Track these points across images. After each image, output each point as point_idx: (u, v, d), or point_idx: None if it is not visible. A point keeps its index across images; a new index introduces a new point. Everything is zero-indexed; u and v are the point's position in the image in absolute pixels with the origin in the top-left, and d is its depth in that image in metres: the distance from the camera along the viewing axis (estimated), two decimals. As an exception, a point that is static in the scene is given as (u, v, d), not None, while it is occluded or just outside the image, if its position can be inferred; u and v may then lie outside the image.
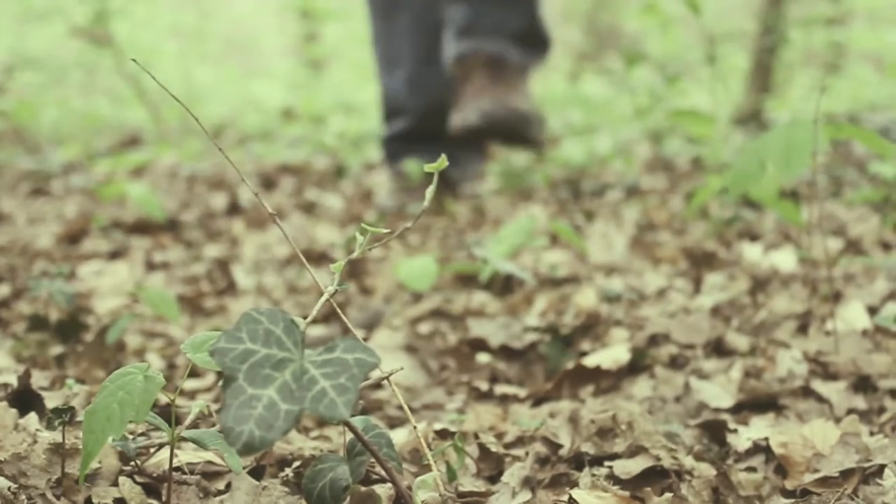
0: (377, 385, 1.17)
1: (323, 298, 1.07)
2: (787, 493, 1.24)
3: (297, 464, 1.20)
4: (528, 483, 1.23)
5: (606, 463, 1.27)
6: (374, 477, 1.23)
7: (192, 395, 1.63)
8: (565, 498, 1.16)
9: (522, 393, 1.69)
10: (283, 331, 0.88)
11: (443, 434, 1.39)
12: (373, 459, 1.02)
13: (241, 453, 0.81)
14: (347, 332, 2.11)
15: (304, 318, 1.07)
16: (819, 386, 1.54)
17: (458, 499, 1.11)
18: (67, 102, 7.64)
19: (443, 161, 1.07)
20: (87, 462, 0.98)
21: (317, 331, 1.98)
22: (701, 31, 4.17)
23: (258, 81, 9.68)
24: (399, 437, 1.41)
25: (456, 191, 3.65)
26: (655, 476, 1.24)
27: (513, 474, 1.23)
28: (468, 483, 1.17)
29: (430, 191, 1.07)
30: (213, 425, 1.18)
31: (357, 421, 1.11)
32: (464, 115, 3.36)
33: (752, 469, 1.31)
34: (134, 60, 1.12)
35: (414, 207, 3.31)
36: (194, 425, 1.18)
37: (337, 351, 0.86)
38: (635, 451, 1.27)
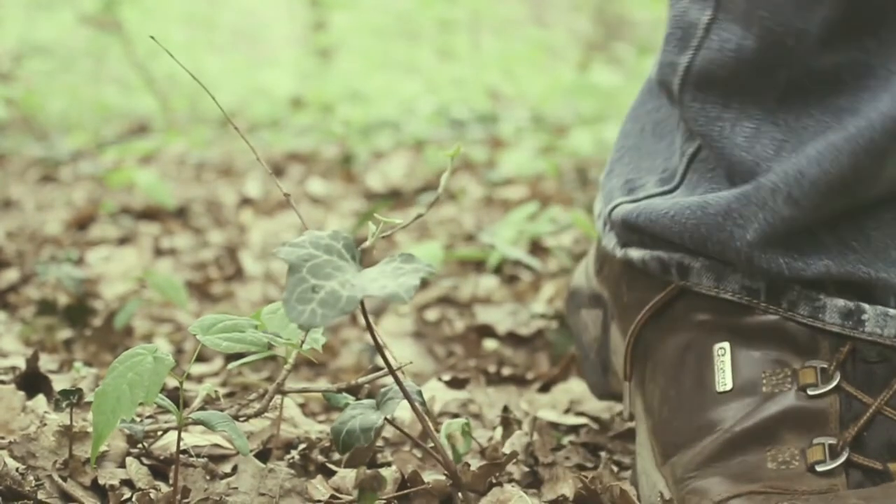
0: (385, 373, 1.17)
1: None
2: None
3: (302, 446, 1.20)
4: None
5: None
6: (381, 460, 1.24)
7: (199, 379, 1.63)
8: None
9: (530, 376, 1.69)
10: (344, 247, 0.90)
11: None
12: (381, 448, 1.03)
13: (302, 327, 0.83)
14: (356, 319, 2.11)
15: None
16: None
17: (463, 476, 1.11)
18: (76, 90, 7.65)
19: (458, 148, 1.06)
20: (97, 443, 0.98)
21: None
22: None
23: (267, 70, 9.68)
24: (407, 416, 1.42)
25: None
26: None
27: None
28: (475, 464, 1.17)
29: (444, 177, 1.07)
30: (221, 409, 1.18)
31: (364, 404, 1.11)
32: None
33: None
34: (152, 38, 1.12)
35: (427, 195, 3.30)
36: (202, 409, 1.18)
37: (395, 261, 0.89)
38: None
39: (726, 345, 1.02)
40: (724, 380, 1.01)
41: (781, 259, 1.01)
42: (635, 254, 1.12)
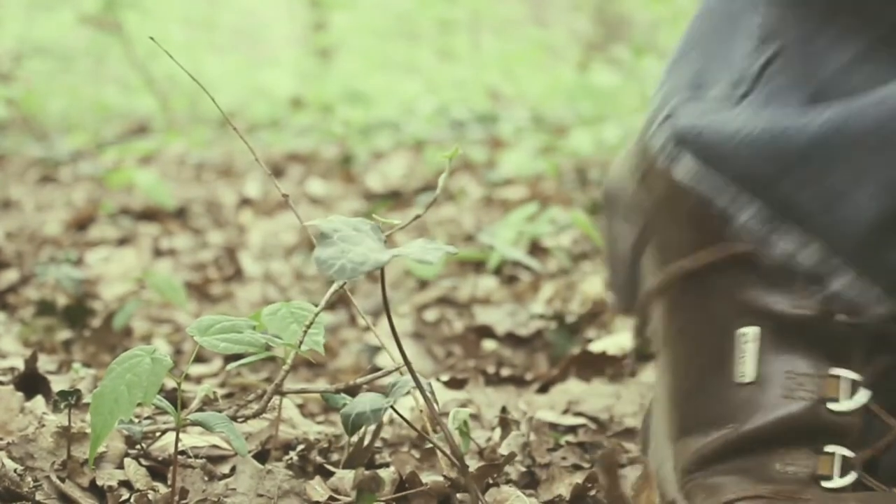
0: (385, 373, 1.17)
1: (333, 287, 1.07)
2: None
3: (301, 447, 1.20)
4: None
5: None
6: (379, 461, 1.24)
7: (198, 379, 1.63)
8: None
9: (529, 376, 1.69)
10: (371, 229, 0.93)
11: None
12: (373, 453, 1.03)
13: (335, 277, 0.86)
14: (355, 320, 2.11)
15: (315, 305, 1.08)
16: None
17: (461, 477, 1.12)
18: (76, 90, 7.65)
19: (456, 150, 1.06)
20: (95, 444, 0.98)
21: (326, 318, 1.98)
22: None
23: (267, 70, 9.68)
24: (406, 416, 1.42)
25: None
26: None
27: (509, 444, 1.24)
28: (473, 464, 1.17)
29: (442, 178, 1.07)
30: (220, 410, 1.18)
31: (364, 400, 1.11)
32: None
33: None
34: (151, 38, 1.12)
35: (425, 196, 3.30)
36: (200, 410, 1.18)
37: (420, 241, 0.92)
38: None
39: (755, 331, 0.93)
40: (745, 370, 0.94)
41: None
42: (687, 173, 0.97)
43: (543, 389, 1.62)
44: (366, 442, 1.19)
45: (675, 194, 1.00)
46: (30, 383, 1.38)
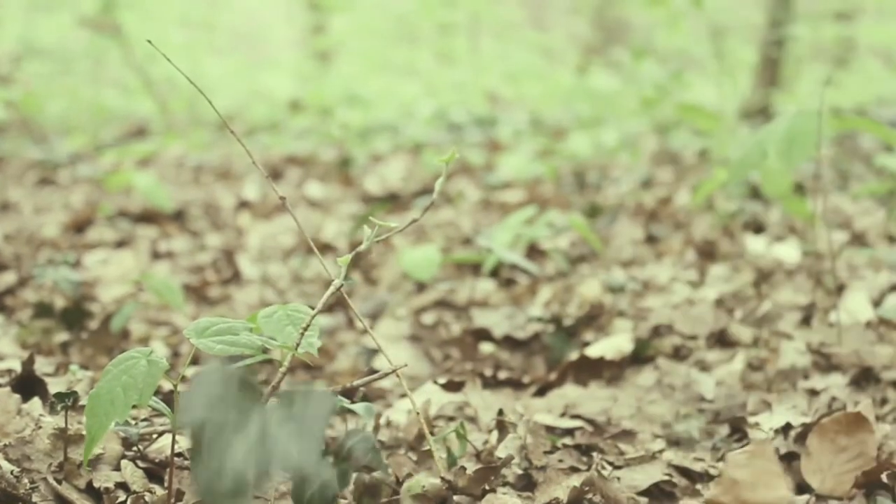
0: (382, 376, 1.17)
1: (330, 290, 1.07)
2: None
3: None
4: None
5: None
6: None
7: (195, 382, 1.63)
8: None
9: (526, 380, 1.69)
10: (238, 390, 0.84)
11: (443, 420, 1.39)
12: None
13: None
14: (352, 323, 2.11)
15: (311, 307, 1.08)
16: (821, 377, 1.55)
17: (458, 480, 1.11)
18: (75, 93, 7.65)
19: (453, 154, 1.05)
20: (90, 445, 0.98)
21: (323, 321, 1.98)
22: (707, 25, 4.16)
23: (266, 73, 9.68)
24: (403, 419, 1.42)
25: None
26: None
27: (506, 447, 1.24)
28: (471, 467, 1.17)
29: (439, 183, 1.07)
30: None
31: (358, 408, 1.11)
32: None
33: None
34: (149, 42, 1.12)
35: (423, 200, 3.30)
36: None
37: (295, 405, 0.83)
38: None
39: None
40: None
41: None
42: None
43: (541, 392, 1.62)
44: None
45: None
46: (27, 385, 1.37)
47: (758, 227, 2.79)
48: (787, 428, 1.33)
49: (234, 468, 0.78)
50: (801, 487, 1.24)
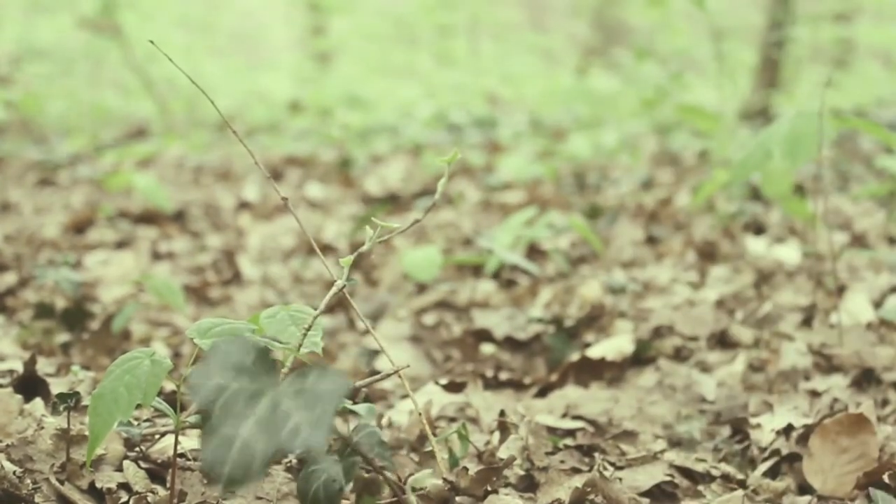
0: (384, 376, 1.18)
1: (333, 290, 1.07)
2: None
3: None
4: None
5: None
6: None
7: (197, 383, 1.63)
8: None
9: (527, 380, 1.69)
10: (255, 361, 0.84)
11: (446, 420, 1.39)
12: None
13: (225, 490, 0.78)
14: (354, 323, 2.11)
15: (313, 308, 1.08)
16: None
17: (460, 481, 1.12)
18: (74, 93, 7.65)
19: (455, 155, 1.05)
20: (93, 445, 0.98)
21: (324, 321, 1.98)
22: (708, 26, 4.17)
23: (265, 74, 9.68)
24: (404, 420, 1.42)
25: None
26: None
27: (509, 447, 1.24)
28: (473, 468, 1.17)
29: (441, 184, 1.07)
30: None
31: (360, 409, 1.11)
32: None
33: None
34: (151, 42, 1.12)
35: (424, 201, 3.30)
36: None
37: (309, 379, 0.83)
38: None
39: None
40: None
41: None
42: None
43: (542, 393, 1.63)
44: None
45: None
46: (29, 386, 1.38)
47: (758, 229, 2.79)
48: (788, 429, 1.34)
49: (244, 438, 0.78)
50: (803, 488, 1.25)
